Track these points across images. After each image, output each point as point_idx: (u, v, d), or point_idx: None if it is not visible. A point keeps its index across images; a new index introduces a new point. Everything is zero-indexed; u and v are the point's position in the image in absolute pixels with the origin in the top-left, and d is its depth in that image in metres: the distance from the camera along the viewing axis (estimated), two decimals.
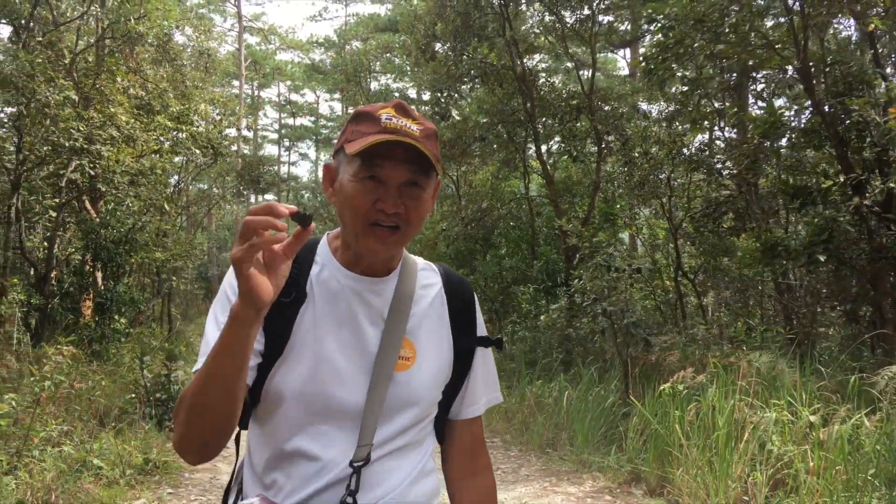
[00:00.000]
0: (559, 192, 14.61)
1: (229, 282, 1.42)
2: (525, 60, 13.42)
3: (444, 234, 14.57)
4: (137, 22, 12.71)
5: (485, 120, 14.46)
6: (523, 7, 12.76)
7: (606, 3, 13.11)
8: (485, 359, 1.60)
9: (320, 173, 1.47)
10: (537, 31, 13.99)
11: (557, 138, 14.62)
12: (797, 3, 6.41)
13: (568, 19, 13.34)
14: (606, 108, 12.92)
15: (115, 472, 5.75)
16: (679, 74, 6.94)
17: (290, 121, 51.28)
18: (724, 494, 4.83)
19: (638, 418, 6.28)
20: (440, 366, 1.50)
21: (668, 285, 13.17)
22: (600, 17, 13.47)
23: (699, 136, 11.27)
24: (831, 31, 7.36)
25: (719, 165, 8.96)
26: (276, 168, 40.04)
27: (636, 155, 12.21)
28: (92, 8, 12.68)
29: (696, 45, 6.66)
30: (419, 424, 1.48)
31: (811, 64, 6.71)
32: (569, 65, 14.87)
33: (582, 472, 6.31)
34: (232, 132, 18.74)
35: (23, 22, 12.25)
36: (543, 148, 14.86)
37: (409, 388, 1.43)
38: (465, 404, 1.58)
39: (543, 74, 14.40)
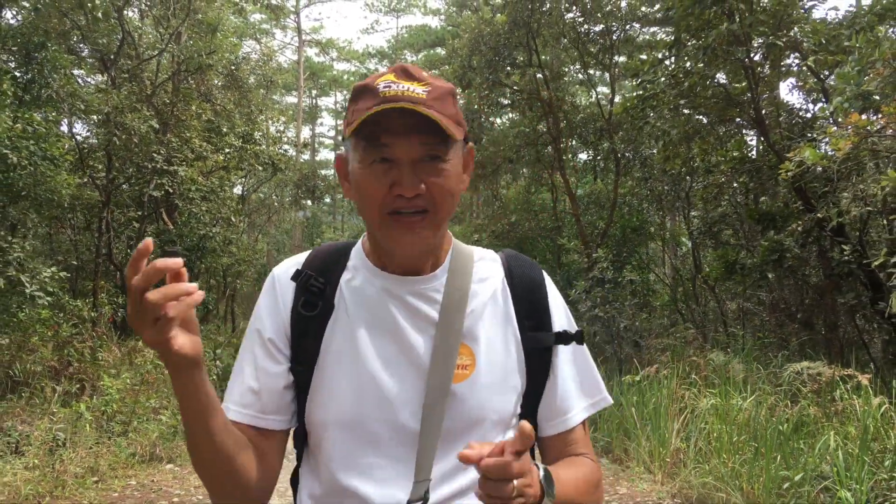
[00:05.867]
0: (587, 205, 15.93)
1: (258, 314, 1.31)
2: (555, 84, 14.81)
3: (477, 245, 15.97)
4: (207, 56, 14.53)
5: (518, 142, 15.81)
6: (549, 37, 14.10)
7: (625, 34, 14.41)
8: (574, 358, 1.32)
9: None
10: (563, 58, 15.37)
11: (582, 157, 16.02)
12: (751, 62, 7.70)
13: (592, 49, 14.68)
14: (625, 130, 14.19)
15: None
16: (652, 122, 8.26)
17: None
18: (659, 459, 6.26)
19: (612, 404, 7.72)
20: (506, 371, 1.24)
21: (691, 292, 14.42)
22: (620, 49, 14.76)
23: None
24: (790, 81, 8.61)
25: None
26: (332, 173, 42.14)
27: (655, 172, 13.53)
28: (169, 45, 14.52)
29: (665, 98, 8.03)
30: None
31: (770, 110, 8.00)
32: (594, 92, 16.19)
33: None
34: (290, 144, 20.57)
35: (112, 56, 14.05)
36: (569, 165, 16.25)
37: (469, 403, 1.19)
38: (551, 416, 1.30)
39: (569, 98, 15.77)
